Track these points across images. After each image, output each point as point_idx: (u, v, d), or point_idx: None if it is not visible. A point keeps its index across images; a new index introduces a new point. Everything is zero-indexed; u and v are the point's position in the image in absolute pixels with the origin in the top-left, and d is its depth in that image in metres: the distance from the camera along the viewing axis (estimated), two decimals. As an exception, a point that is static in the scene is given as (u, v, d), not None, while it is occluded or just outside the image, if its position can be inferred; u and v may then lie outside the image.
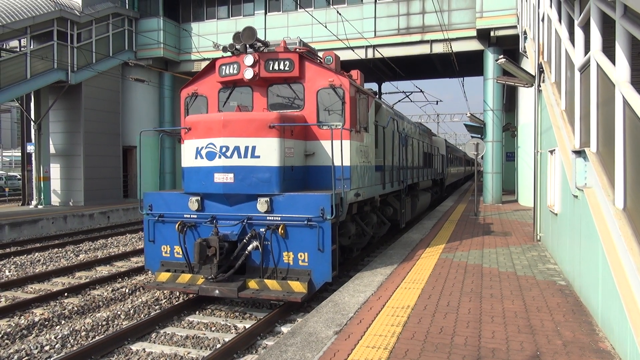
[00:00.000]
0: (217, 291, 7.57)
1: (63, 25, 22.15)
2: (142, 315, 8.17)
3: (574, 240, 7.06)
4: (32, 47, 21.37)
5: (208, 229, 7.96)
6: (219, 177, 7.83)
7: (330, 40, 22.10)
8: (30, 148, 23.08)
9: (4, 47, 23.07)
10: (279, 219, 7.72)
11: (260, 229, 7.74)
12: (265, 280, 7.70)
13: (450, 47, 21.83)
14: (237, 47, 8.83)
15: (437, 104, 29.83)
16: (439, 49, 22.47)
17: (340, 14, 21.06)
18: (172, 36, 26.51)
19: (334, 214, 7.47)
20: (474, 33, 21.39)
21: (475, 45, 21.96)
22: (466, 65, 26.15)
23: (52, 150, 23.67)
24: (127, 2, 26.17)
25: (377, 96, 12.71)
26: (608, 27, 5.73)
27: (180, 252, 8.24)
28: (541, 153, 11.09)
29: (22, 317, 8.09)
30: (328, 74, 8.64)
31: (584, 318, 5.77)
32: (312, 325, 5.59)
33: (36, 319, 7.84)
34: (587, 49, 6.61)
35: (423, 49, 22.82)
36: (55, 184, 23.84)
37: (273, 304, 8.48)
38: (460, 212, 18.23)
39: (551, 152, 9.49)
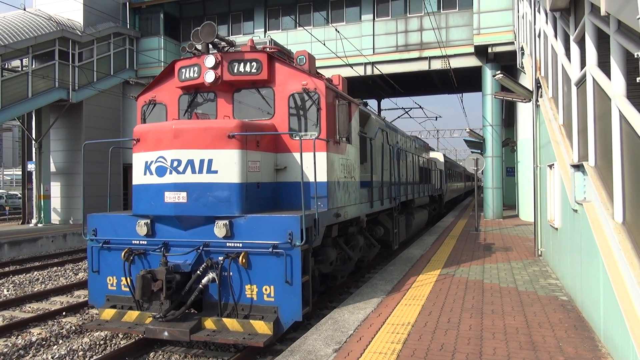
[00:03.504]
0: (165, 333, 6.39)
1: (64, 45, 22.37)
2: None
3: (574, 254, 7.01)
4: (33, 66, 21.57)
5: (159, 257, 6.81)
6: (169, 197, 6.69)
7: (329, 58, 22.29)
8: (31, 166, 23.15)
9: (6, 66, 23.28)
10: (240, 245, 6.55)
11: (219, 258, 6.57)
12: (224, 320, 6.48)
13: (449, 64, 22.01)
14: (197, 46, 7.70)
15: (436, 119, 30.03)
16: (437, 65, 22.66)
17: (339, 32, 21.30)
18: (172, 55, 26.75)
19: (304, 240, 6.35)
20: (471, 49, 21.59)
21: (473, 62, 22.14)
22: (465, 81, 26.33)
23: (52, 168, 23.73)
24: (128, 22, 26.49)
25: (377, 112, 12.44)
26: (603, 42, 5.78)
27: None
28: (540, 168, 11.09)
29: (20, 336, 8.00)
30: (301, 76, 7.56)
31: (586, 334, 5.70)
32: (311, 343, 5.52)
33: (33, 339, 7.76)
34: (583, 63, 6.66)
35: (421, 66, 23.01)
36: (56, 202, 23.85)
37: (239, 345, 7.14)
38: (461, 228, 18.16)
39: (550, 166, 9.49)
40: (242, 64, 7.57)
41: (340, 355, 5.12)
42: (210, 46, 7.71)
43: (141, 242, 7.09)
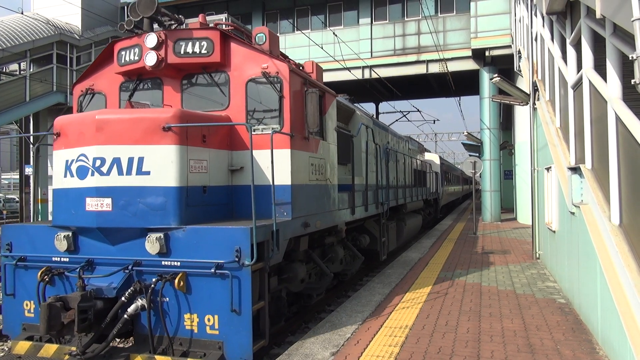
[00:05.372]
0: None
1: (62, 49, 22.38)
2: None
3: (572, 257, 7.02)
4: (31, 70, 21.56)
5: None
6: (91, 204, 5.46)
7: (327, 62, 22.33)
8: (29, 170, 23.12)
9: (4, 70, 23.28)
10: (178, 264, 5.36)
11: (154, 279, 5.32)
12: (157, 357, 5.27)
13: (446, 67, 22.07)
14: (135, 22, 6.43)
15: (434, 123, 30.04)
16: (434, 69, 22.72)
17: (336, 36, 21.34)
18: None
19: (255, 258, 5.12)
20: (469, 53, 21.66)
21: (470, 65, 22.21)
22: (462, 84, 26.39)
23: (50, 172, 23.69)
24: (126, 26, 26.48)
25: (375, 115, 12.05)
26: (599, 45, 5.80)
27: None
28: (538, 171, 11.11)
29: None
30: (261, 58, 6.39)
31: (584, 336, 5.70)
32: (308, 346, 5.51)
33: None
34: (579, 66, 6.68)
35: (419, 69, 23.07)
36: (53, 206, 23.78)
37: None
38: (459, 231, 18.17)
39: (548, 169, 9.51)
40: (189, 44, 6.41)
41: (338, 359, 5.11)
42: (156, 25, 6.55)
43: (62, 259, 5.84)
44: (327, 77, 23.34)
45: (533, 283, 8.69)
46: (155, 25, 6.60)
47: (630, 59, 4.00)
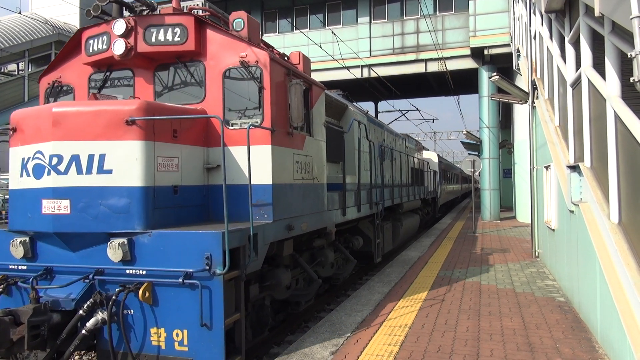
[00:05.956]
0: None
1: (61, 49, 22.34)
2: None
3: (571, 255, 7.02)
4: (30, 70, 21.53)
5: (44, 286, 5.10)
6: (47, 206, 4.97)
7: (325, 61, 22.32)
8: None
9: (2, 70, 23.25)
10: (144, 273, 4.86)
11: (117, 290, 4.81)
12: None
13: (445, 66, 22.07)
14: (102, 7, 5.86)
15: (433, 121, 30.02)
16: (433, 67, 22.72)
17: (335, 35, 21.32)
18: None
19: (227, 266, 4.61)
20: (468, 52, 21.67)
21: (469, 64, 22.21)
22: (461, 83, 26.40)
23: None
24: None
25: (374, 114, 11.73)
26: (598, 44, 5.79)
27: None
28: (537, 169, 11.11)
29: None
30: (239, 46, 5.86)
31: (583, 335, 5.70)
32: (308, 345, 5.51)
33: None
34: (578, 65, 6.68)
35: (418, 68, 23.07)
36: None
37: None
38: (459, 230, 18.18)
39: (547, 167, 9.51)
40: (161, 31, 5.87)
41: (337, 358, 5.11)
42: (127, 12, 5.97)
43: (20, 267, 5.31)
44: (326, 76, 23.36)
45: (532, 281, 8.69)
46: (126, 12, 6.12)
47: (629, 56, 3.99)
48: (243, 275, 5.09)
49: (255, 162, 5.52)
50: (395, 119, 26.58)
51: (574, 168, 6.55)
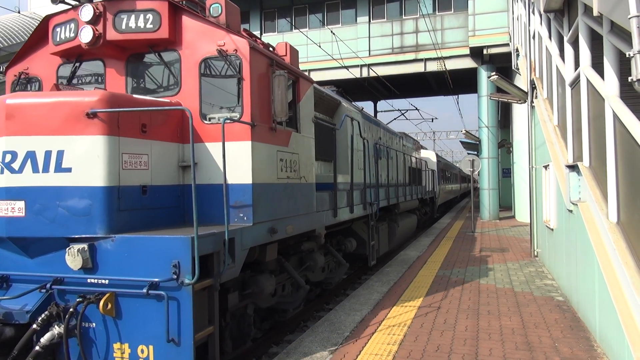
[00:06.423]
0: None
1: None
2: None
3: (570, 255, 7.03)
4: (29, 69, 21.51)
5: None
6: (0, 208, 4.56)
7: (325, 60, 22.33)
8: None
9: (1, 70, 23.23)
10: (107, 282, 4.42)
11: (76, 300, 4.35)
12: None
13: (444, 65, 22.09)
14: None
15: (432, 121, 30.03)
16: (432, 67, 22.74)
17: (334, 34, 21.33)
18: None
19: (197, 275, 4.17)
20: (467, 51, 21.69)
21: (468, 63, 22.23)
22: (460, 82, 26.42)
23: None
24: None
25: (373, 114, 11.43)
26: (597, 43, 5.80)
27: None
28: (536, 169, 11.12)
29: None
30: (217, 33, 5.40)
31: (582, 334, 5.71)
32: (307, 345, 5.51)
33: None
34: (576, 64, 6.69)
35: (417, 67, 23.09)
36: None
37: None
38: (458, 229, 18.19)
39: (545, 167, 9.52)
40: (132, 17, 5.42)
41: (336, 357, 5.11)
42: None
43: None
44: (325, 76, 23.38)
45: (531, 281, 8.70)
46: None
47: (627, 56, 4.00)
48: (217, 284, 4.68)
49: (234, 160, 5.16)
50: (395, 119, 26.58)
51: (573, 167, 6.56)
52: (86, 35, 5.37)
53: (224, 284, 5.00)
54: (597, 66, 5.78)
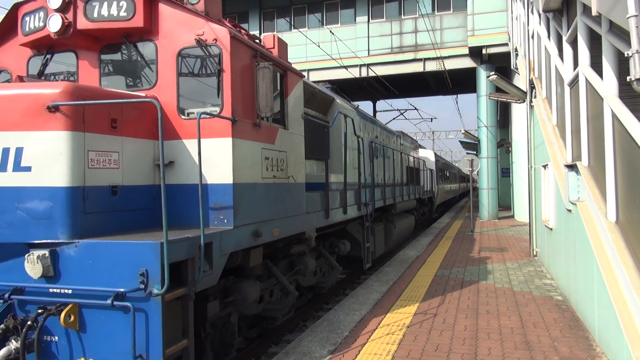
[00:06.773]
0: None
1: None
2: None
3: (569, 254, 7.03)
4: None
5: None
6: None
7: (324, 60, 22.32)
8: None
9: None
10: (70, 292, 4.04)
11: (38, 312, 3.98)
12: None
13: (443, 65, 22.10)
14: None
15: (431, 121, 30.02)
16: (432, 66, 22.74)
17: (333, 34, 21.32)
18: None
19: (166, 284, 3.80)
20: (466, 51, 21.69)
21: (467, 63, 22.23)
22: (459, 82, 26.42)
23: None
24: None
25: (372, 113, 11.20)
26: (595, 43, 5.81)
27: None
28: (535, 168, 11.13)
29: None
30: (196, 22, 5.05)
31: (581, 333, 5.71)
32: (306, 344, 5.51)
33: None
34: (575, 64, 6.70)
35: (416, 67, 23.09)
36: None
37: None
38: (457, 229, 18.20)
39: (544, 167, 9.52)
40: (105, 5, 5.04)
41: (336, 357, 5.11)
42: None
43: None
44: (325, 76, 23.37)
45: (530, 280, 8.71)
46: None
47: (626, 55, 4.00)
48: (192, 294, 4.27)
49: (214, 158, 4.81)
50: (394, 118, 26.57)
51: (572, 167, 6.56)
52: (55, 24, 5.02)
53: (203, 292, 4.74)
54: (596, 66, 5.78)
